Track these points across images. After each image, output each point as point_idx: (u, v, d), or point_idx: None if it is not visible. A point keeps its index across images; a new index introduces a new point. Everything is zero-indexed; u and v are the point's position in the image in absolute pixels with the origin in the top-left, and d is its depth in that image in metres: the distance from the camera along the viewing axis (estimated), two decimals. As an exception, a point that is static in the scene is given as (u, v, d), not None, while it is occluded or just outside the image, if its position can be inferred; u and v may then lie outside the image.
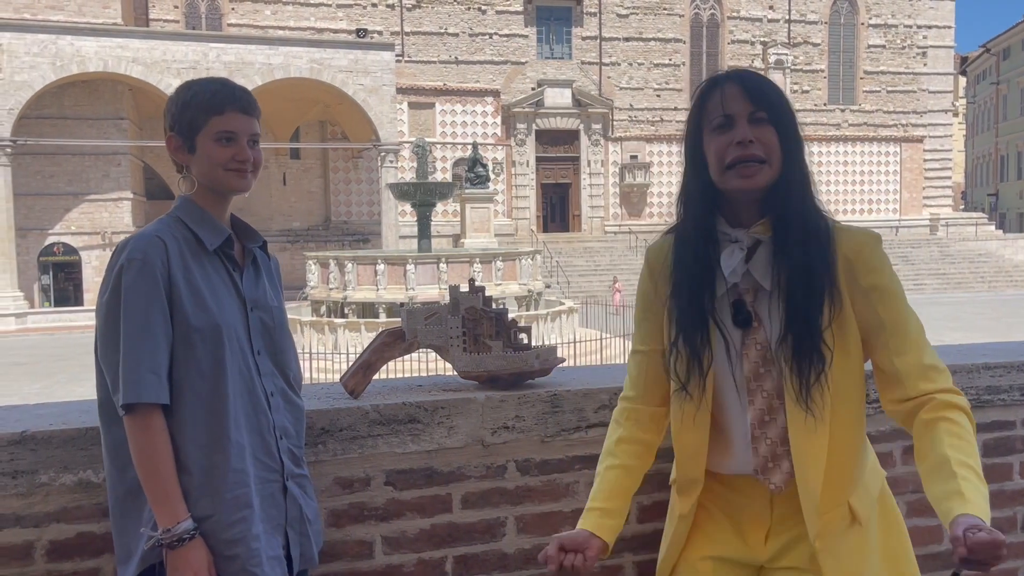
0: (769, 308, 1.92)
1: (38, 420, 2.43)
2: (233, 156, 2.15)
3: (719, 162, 1.89)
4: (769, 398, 1.92)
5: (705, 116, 1.93)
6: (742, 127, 1.86)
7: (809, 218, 1.90)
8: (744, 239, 1.93)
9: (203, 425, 2.07)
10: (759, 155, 1.86)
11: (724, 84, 1.91)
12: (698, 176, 1.96)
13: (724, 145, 1.88)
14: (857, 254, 1.91)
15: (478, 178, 35.95)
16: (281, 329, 2.29)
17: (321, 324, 21.49)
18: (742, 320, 1.93)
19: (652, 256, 2.10)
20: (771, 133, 1.88)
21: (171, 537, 1.99)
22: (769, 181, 1.88)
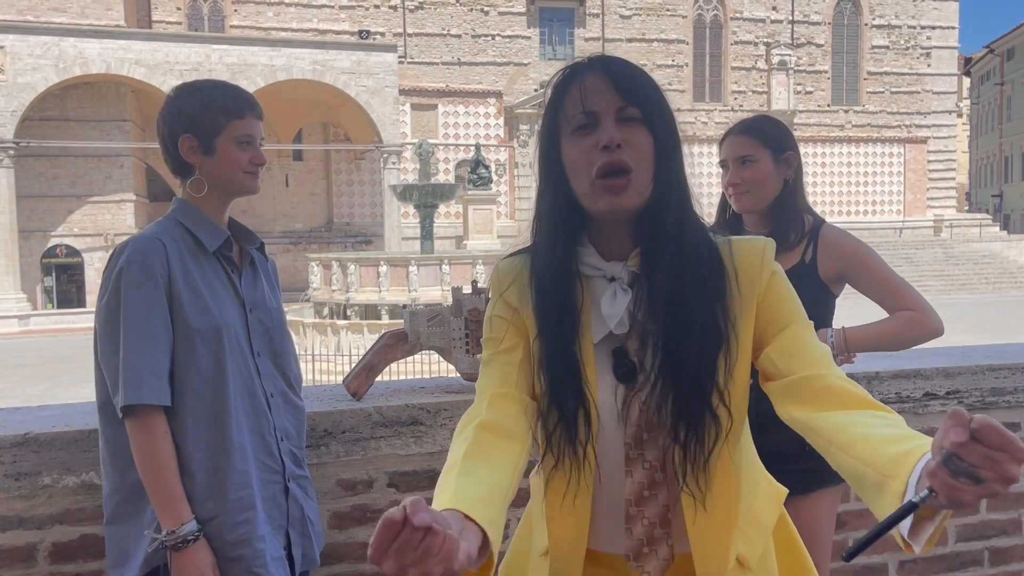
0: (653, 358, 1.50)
1: (41, 422, 2.43)
2: (251, 159, 2.20)
3: (585, 173, 1.48)
4: (651, 470, 1.53)
5: (562, 114, 1.53)
6: (608, 127, 1.46)
7: (691, 240, 1.51)
8: (623, 275, 1.53)
9: (205, 427, 2.07)
10: (627, 162, 1.46)
11: (585, 74, 1.51)
12: (555, 191, 1.54)
13: (588, 149, 1.47)
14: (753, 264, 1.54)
15: (481, 179, 35.93)
16: (280, 330, 2.29)
17: (324, 326, 21.50)
18: (623, 374, 1.53)
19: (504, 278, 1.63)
20: (643, 136, 1.48)
21: (175, 539, 1.99)
22: (640, 196, 1.48)
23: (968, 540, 3.25)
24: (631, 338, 1.54)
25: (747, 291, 1.52)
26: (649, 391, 1.50)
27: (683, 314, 1.47)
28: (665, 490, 1.55)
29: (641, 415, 1.52)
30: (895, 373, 3.10)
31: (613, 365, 1.54)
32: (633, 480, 1.55)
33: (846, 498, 3.07)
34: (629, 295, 1.53)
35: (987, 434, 1.00)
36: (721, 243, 1.55)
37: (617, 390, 1.54)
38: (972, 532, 3.25)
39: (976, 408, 3.18)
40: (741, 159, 2.72)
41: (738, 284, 1.51)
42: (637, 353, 1.53)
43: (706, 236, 1.55)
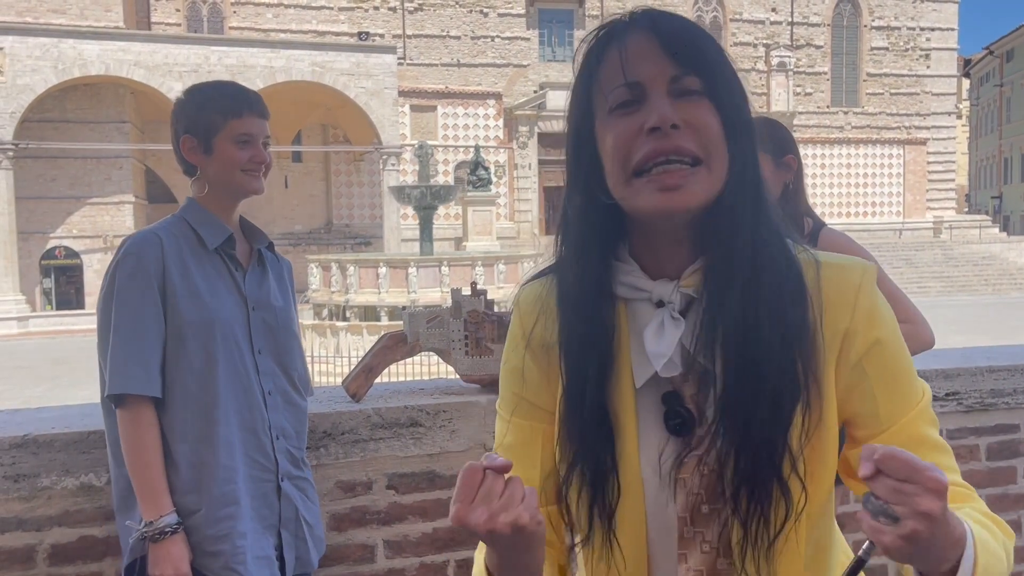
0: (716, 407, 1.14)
1: (40, 424, 2.43)
2: (251, 158, 2.21)
3: (622, 164, 1.11)
4: (712, 555, 1.17)
5: (596, 89, 1.15)
6: (659, 103, 1.09)
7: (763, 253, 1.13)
8: (675, 299, 1.16)
9: (192, 420, 2.08)
10: (689, 148, 1.09)
11: (626, 35, 1.13)
12: (587, 191, 1.17)
13: (629, 134, 1.10)
14: (855, 310, 1.16)
15: (480, 181, 35.93)
16: (286, 329, 2.30)
17: (323, 327, 21.51)
18: (677, 425, 1.16)
19: (524, 309, 1.28)
20: (708, 113, 1.11)
21: (153, 530, 2.01)
22: (707, 195, 1.11)
23: (967, 541, 3.25)
24: (687, 380, 1.17)
25: (831, 335, 1.15)
26: (709, 448, 1.13)
27: (756, 351, 1.11)
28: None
29: (701, 480, 1.15)
30: (894, 374, 3.10)
31: (664, 414, 1.17)
32: (688, 567, 1.18)
33: (845, 499, 3.07)
34: (682, 326, 1.15)
35: (890, 464, 0.89)
36: (806, 261, 1.18)
37: (666, 447, 1.17)
38: (971, 533, 3.25)
39: (976, 410, 3.18)
40: None
41: (823, 323, 1.15)
42: (694, 399, 1.16)
43: (786, 249, 1.17)
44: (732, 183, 1.13)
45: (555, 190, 44.75)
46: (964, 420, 3.19)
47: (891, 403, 1.16)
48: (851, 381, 1.16)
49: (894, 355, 1.18)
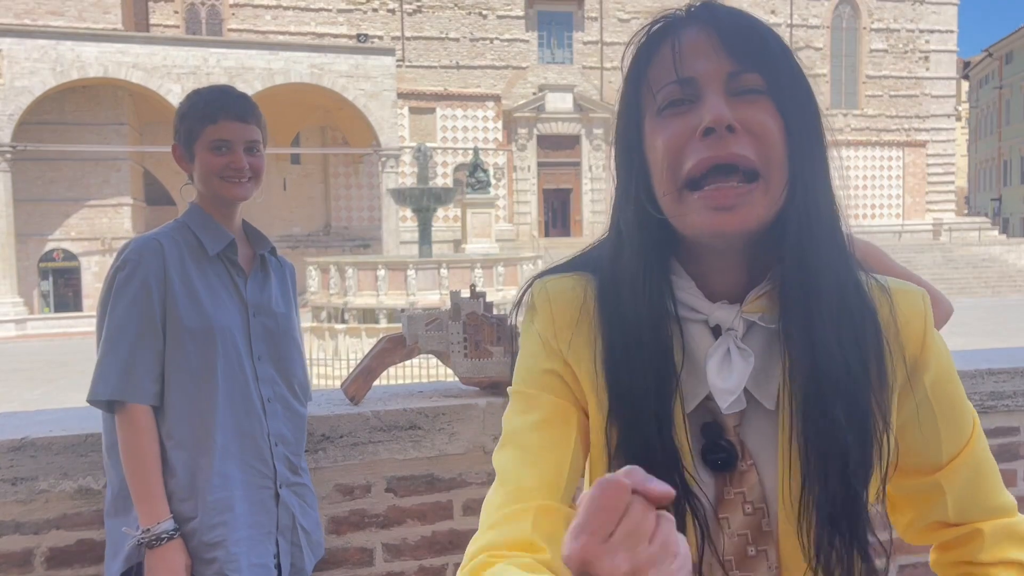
0: (766, 439, 1.05)
1: (38, 426, 2.43)
2: (227, 164, 2.17)
3: (672, 172, 1.00)
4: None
5: (645, 87, 1.04)
6: (714, 102, 0.97)
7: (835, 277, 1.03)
8: (737, 325, 1.05)
9: (190, 427, 2.08)
10: (746, 158, 0.97)
11: (682, 29, 1.03)
12: (637, 201, 1.05)
13: (681, 136, 0.99)
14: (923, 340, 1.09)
15: (479, 183, 35.92)
16: (286, 335, 2.29)
17: (321, 330, 21.51)
18: (719, 461, 1.05)
19: (559, 304, 1.11)
20: (769, 115, 0.99)
21: (150, 536, 2.00)
22: (767, 213, 0.99)
23: (968, 544, 3.24)
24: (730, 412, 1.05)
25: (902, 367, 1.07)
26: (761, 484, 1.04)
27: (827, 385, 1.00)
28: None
29: (746, 518, 1.04)
30: (894, 377, 3.10)
31: (703, 447, 1.05)
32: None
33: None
34: (751, 360, 1.03)
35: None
36: (874, 288, 1.08)
37: (705, 483, 1.05)
38: (972, 536, 3.25)
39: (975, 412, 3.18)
40: None
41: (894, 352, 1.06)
42: (737, 432, 1.05)
43: (856, 274, 1.06)
44: (799, 196, 1.01)
45: (554, 192, 44.81)
46: (964, 422, 3.18)
47: (952, 433, 1.11)
48: (913, 414, 1.09)
49: (955, 384, 1.12)
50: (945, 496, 1.10)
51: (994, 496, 1.12)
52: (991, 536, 1.10)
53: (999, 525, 1.11)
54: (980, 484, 1.11)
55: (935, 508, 1.12)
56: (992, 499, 1.12)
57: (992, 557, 1.09)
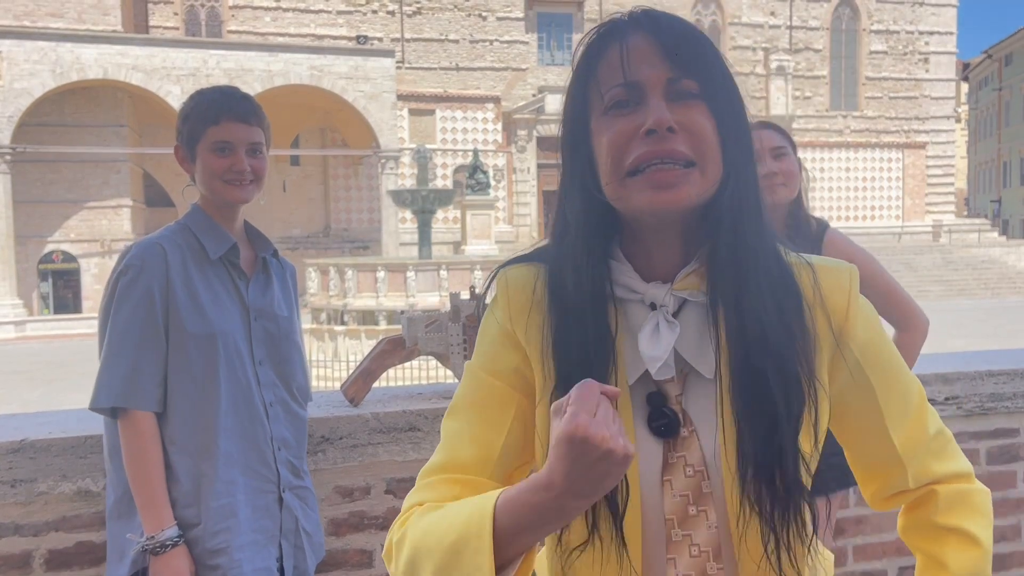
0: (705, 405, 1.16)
1: (37, 428, 2.43)
2: (229, 167, 2.15)
3: (616, 164, 1.12)
4: (702, 559, 1.14)
5: (594, 86, 1.16)
6: (656, 106, 1.10)
7: (760, 257, 1.15)
8: (668, 302, 1.16)
9: (193, 433, 2.07)
10: (683, 152, 1.10)
11: (627, 35, 1.14)
12: (584, 189, 1.18)
13: (624, 135, 1.12)
14: (847, 309, 1.20)
15: (479, 185, 35.93)
16: (287, 339, 2.28)
17: (321, 331, 21.52)
18: (662, 428, 1.15)
19: (512, 294, 1.23)
20: (703, 116, 1.12)
21: (155, 543, 2.00)
22: (700, 196, 1.12)
23: (968, 546, 3.24)
24: (671, 381, 1.17)
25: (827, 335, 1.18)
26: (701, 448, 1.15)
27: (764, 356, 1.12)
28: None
29: (688, 479, 1.14)
30: (894, 379, 3.10)
31: (648, 416, 1.16)
32: (677, 572, 1.15)
33: (845, 505, 3.07)
34: (677, 330, 1.15)
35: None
36: (797, 264, 1.21)
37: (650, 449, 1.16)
38: (972, 538, 3.25)
39: (975, 414, 3.18)
40: (776, 150, 2.67)
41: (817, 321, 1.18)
42: (679, 400, 1.16)
43: (780, 254, 1.20)
44: (729, 186, 1.14)
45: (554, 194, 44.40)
46: (964, 424, 3.18)
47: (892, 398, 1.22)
48: (849, 380, 1.21)
49: (886, 352, 1.23)
50: (905, 470, 1.23)
51: (949, 463, 1.25)
52: (945, 499, 1.23)
53: (953, 490, 1.23)
54: (935, 454, 1.24)
55: (896, 480, 1.24)
56: (947, 466, 1.24)
57: (946, 521, 1.22)
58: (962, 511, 1.23)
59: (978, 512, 1.24)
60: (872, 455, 1.25)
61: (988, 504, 1.25)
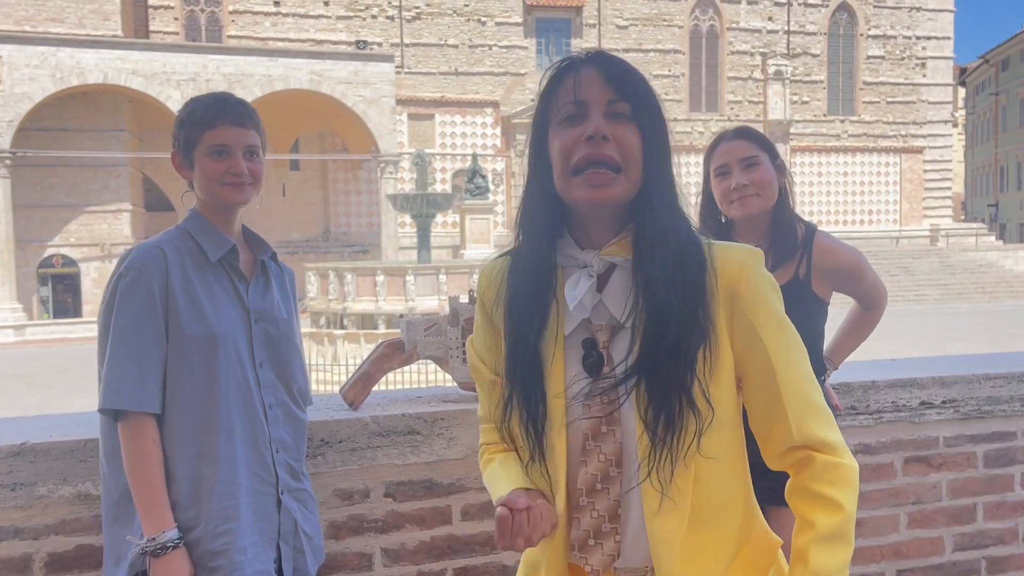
0: (626, 350, 1.49)
1: (37, 432, 2.43)
2: (227, 169, 2.16)
3: (564, 163, 1.48)
4: (606, 464, 1.51)
5: (554, 105, 1.53)
6: (596, 118, 1.46)
7: (678, 234, 1.50)
8: (594, 263, 1.52)
9: (193, 435, 2.07)
10: (613, 158, 1.45)
11: (581, 67, 1.51)
12: (540, 184, 1.54)
13: (572, 141, 1.47)
14: (739, 277, 1.50)
15: (478, 189, 35.94)
16: (287, 341, 2.28)
17: (320, 335, 21.50)
18: (591, 365, 1.51)
19: (483, 281, 1.67)
20: (632, 133, 1.48)
21: (155, 546, 2.00)
22: (624, 194, 1.48)
23: (965, 549, 3.25)
24: (601, 330, 1.52)
25: (725, 297, 1.49)
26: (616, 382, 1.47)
27: (660, 304, 1.45)
28: (618, 487, 1.50)
29: (603, 407, 1.49)
30: (891, 383, 3.11)
31: (582, 357, 1.52)
32: (587, 471, 1.52)
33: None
34: (593, 280, 1.51)
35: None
36: (702, 243, 1.53)
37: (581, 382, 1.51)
38: (969, 541, 3.25)
39: (973, 417, 3.19)
40: (746, 160, 2.65)
41: (718, 286, 1.49)
42: (606, 345, 1.52)
43: (692, 233, 1.53)
44: (648, 183, 1.49)
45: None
46: (961, 427, 3.19)
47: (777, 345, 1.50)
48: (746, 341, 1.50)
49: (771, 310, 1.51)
50: (790, 425, 1.49)
51: (829, 432, 1.50)
52: (819, 467, 1.48)
53: (827, 460, 1.48)
54: (814, 415, 1.50)
55: (784, 434, 1.50)
56: (827, 434, 1.50)
57: (818, 488, 1.47)
58: (834, 480, 1.47)
59: (845, 482, 1.48)
60: (765, 411, 1.52)
61: (854, 477, 1.49)
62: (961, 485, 3.23)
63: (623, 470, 1.50)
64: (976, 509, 3.26)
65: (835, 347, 2.91)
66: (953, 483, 3.21)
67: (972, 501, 3.25)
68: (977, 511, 3.26)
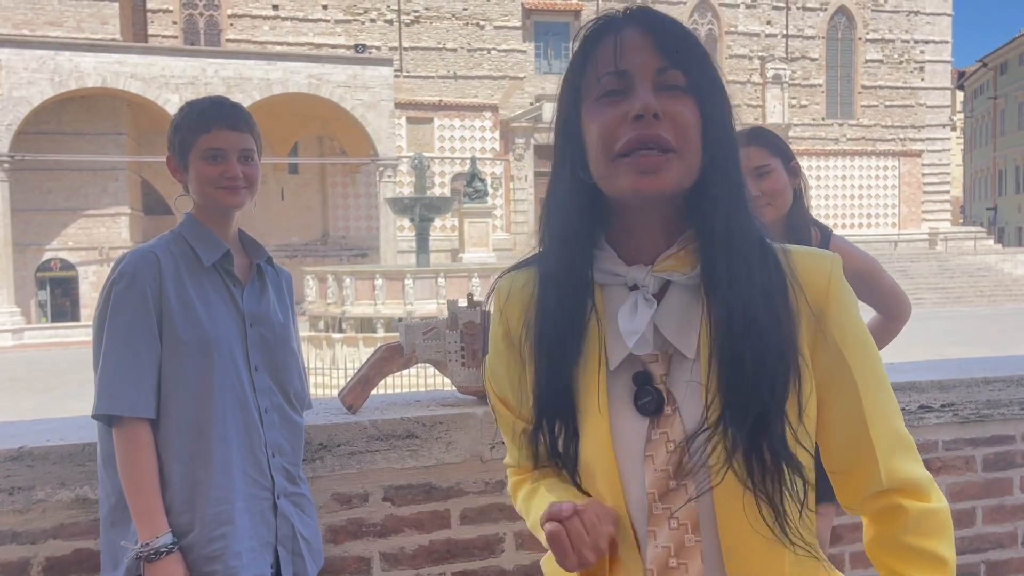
0: (689, 386, 1.21)
1: (35, 436, 2.43)
2: (222, 173, 2.17)
3: (604, 148, 1.19)
4: (681, 531, 1.20)
5: (589, 75, 1.23)
6: (644, 93, 1.17)
7: (752, 239, 1.22)
8: (648, 282, 1.23)
9: (188, 439, 2.07)
10: (667, 139, 1.16)
11: (622, 28, 1.21)
12: (570, 175, 1.25)
13: (614, 121, 1.18)
14: (827, 292, 1.24)
15: (476, 193, 35.91)
16: (283, 345, 2.28)
17: (319, 339, 21.50)
18: (648, 406, 1.22)
19: (504, 298, 1.37)
20: (689, 107, 1.18)
21: (149, 551, 2.00)
22: (680, 182, 1.18)
23: (964, 553, 3.25)
24: (657, 361, 1.23)
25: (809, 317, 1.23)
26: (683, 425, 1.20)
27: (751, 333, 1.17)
28: (699, 559, 1.20)
29: (668, 455, 1.20)
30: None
31: (634, 395, 1.23)
32: (657, 544, 1.21)
33: (843, 512, 3.07)
34: (654, 306, 1.22)
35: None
36: (776, 249, 1.26)
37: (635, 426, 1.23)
38: (969, 545, 3.25)
39: (972, 421, 3.19)
40: (757, 170, 2.63)
41: (802, 303, 1.23)
42: (664, 380, 1.22)
43: (764, 238, 1.25)
44: (710, 173, 1.20)
45: (551, 202, 44.73)
46: (960, 431, 3.19)
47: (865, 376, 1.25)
48: (830, 366, 1.24)
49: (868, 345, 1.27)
50: (879, 465, 1.24)
51: (916, 466, 1.26)
52: (914, 518, 1.24)
53: (921, 509, 1.24)
54: (903, 453, 1.26)
55: (870, 477, 1.25)
56: (914, 469, 1.26)
57: (915, 541, 1.24)
58: (930, 531, 1.25)
59: (945, 532, 1.26)
60: (848, 447, 1.26)
61: (950, 521, 1.27)
62: (960, 489, 3.23)
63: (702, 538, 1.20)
64: (975, 513, 3.26)
65: None
66: (952, 487, 3.21)
67: (971, 505, 3.25)
68: (976, 515, 3.26)
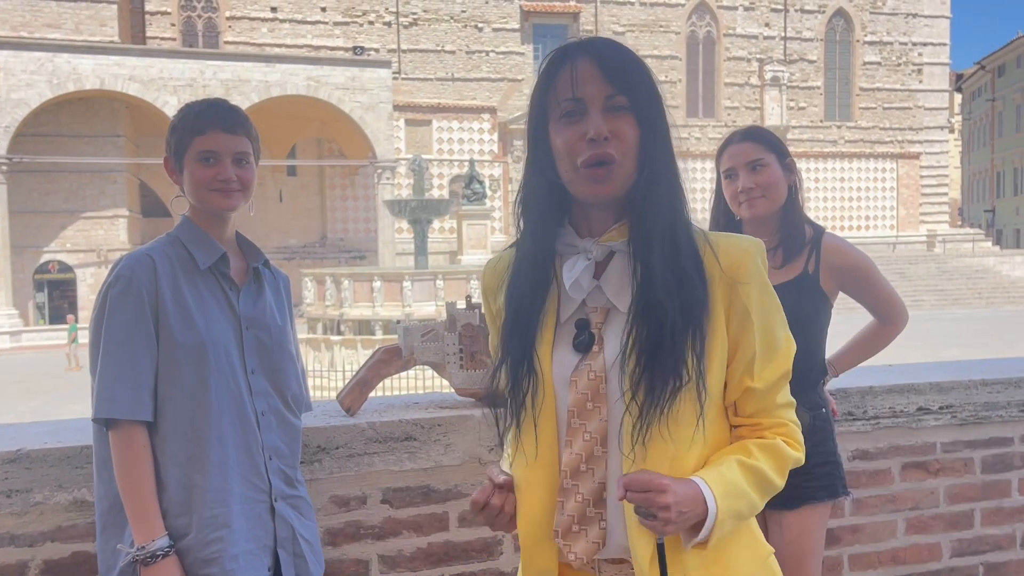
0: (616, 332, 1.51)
1: (33, 438, 2.42)
2: (215, 176, 2.16)
3: (569, 160, 1.49)
4: (591, 442, 1.50)
5: (551, 97, 1.52)
6: (595, 119, 1.46)
7: (676, 222, 1.51)
8: (593, 249, 1.54)
9: (184, 443, 2.07)
10: (612, 155, 1.46)
11: (576, 57, 1.50)
12: (541, 173, 1.55)
13: (573, 138, 1.48)
14: (740, 263, 1.52)
15: (475, 195, 35.96)
16: (280, 348, 2.27)
17: (317, 341, 21.50)
18: (581, 344, 1.52)
19: (488, 273, 1.72)
20: (629, 125, 1.48)
21: (145, 554, 1.99)
22: (624, 184, 1.49)
23: (963, 555, 3.25)
24: (596, 311, 1.54)
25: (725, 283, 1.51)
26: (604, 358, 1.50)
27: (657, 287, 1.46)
28: (604, 467, 1.50)
29: (589, 384, 1.50)
30: (889, 388, 3.11)
31: (574, 336, 1.54)
32: (571, 451, 1.51)
33: (840, 514, 3.07)
34: (591, 263, 1.53)
35: (632, 484, 1.37)
36: (698, 229, 1.56)
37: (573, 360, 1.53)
38: (967, 547, 3.25)
39: (970, 423, 3.19)
40: (752, 164, 2.69)
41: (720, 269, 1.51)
42: (599, 326, 1.53)
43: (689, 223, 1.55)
44: (647, 172, 1.49)
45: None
46: (958, 433, 3.19)
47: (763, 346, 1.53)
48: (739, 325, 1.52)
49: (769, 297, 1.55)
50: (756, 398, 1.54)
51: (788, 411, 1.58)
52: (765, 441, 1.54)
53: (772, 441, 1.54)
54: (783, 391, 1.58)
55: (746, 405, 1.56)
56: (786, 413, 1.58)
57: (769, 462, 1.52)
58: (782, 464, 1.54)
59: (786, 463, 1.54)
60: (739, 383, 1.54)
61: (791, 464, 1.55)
62: (959, 491, 3.23)
63: (608, 450, 1.49)
64: (974, 515, 3.26)
65: (841, 355, 2.89)
66: (951, 489, 3.21)
67: (970, 507, 3.25)
68: (975, 517, 3.26)
